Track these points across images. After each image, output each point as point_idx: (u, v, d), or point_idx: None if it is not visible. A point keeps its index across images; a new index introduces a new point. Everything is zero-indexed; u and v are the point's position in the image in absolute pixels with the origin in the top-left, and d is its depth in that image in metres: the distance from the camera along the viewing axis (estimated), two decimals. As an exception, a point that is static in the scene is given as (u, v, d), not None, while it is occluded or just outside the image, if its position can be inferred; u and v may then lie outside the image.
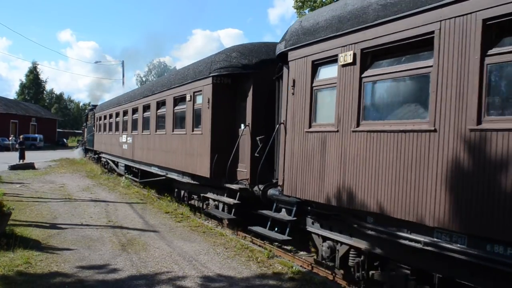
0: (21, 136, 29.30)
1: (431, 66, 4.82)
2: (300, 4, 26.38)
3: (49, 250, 7.09)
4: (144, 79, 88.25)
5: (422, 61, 5.00)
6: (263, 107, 9.17)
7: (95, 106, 32.49)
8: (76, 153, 37.39)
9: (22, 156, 25.78)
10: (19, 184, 15.82)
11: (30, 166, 22.83)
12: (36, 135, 52.74)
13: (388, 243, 5.52)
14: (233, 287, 5.69)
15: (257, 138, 8.92)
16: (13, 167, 22.06)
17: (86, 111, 40.37)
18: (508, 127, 4.00)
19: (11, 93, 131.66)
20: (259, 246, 8.34)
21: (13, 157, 26.57)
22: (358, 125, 5.79)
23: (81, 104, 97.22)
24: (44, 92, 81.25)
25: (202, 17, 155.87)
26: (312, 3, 25.49)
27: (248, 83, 9.60)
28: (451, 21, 4.58)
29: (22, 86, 75.20)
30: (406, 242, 5.13)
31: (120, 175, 19.71)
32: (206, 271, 6.30)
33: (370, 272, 5.98)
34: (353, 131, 5.84)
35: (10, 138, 44.71)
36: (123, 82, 41.03)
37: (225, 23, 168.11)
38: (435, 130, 4.70)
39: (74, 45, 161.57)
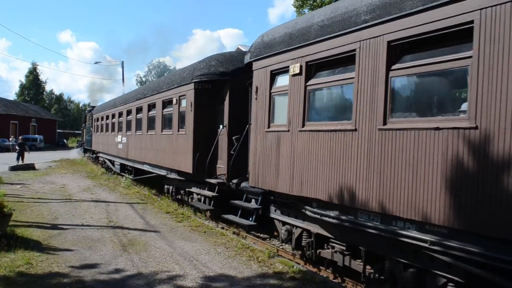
0: (20, 137, 28.95)
1: (353, 78, 5.95)
2: (300, 3, 26.39)
3: (50, 251, 7.09)
4: (144, 79, 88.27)
5: (348, 73, 6.10)
6: (238, 110, 10.02)
7: (93, 107, 33.70)
8: (75, 153, 37.89)
9: (21, 157, 25.36)
10: (20, 185, 15.82)
11: (31, 167, 22.83)
12: (36, 135, 52.78)
13: (329, 224, 6.60)
14: (234, 286, 5.69)
15: (233, 137, 9.91)
16: (14, 168, 22.08)
17: (86, 111, 41.70)
18: (405, 127, 5.07)
19: (11, 94, 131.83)
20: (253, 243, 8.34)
21: (13, 158, 26.56)
22: (303, 125, 6.92)
23: (81, 104, 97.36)
24: (44, 93, 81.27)
25: (203, 16, 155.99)
26: (312, 1, 25.50)
27: (225, 88, 10.67)
28: (366, 41, 5.71)
29: (22, 87, 75.22)
30: (339, 222, 6.22)
31: (119, 174, 20.30)
32: (207, 271, 6.30)
33: (318, 251, 7.08)
34: (299, 131, 7.00)
35: (10, 139, 44.70)
36: (123, 82, 40.99)
37: (225, 23, 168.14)
38: (355, 130, 5.84)
39: (74, 45, 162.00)
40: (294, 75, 7.20)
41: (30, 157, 26.83)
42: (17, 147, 25.53)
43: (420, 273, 5.22)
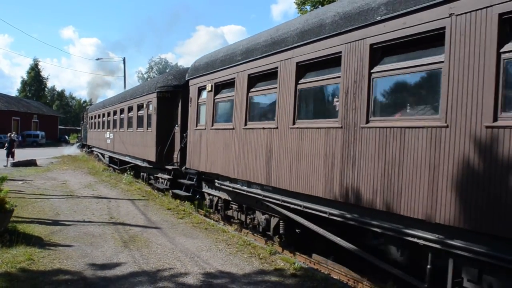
0: (9, 134, 26.64)
1: (233, 95, 9.25)
2: (302, 0, 26.29)
3: (51, 247, 7.11)
4: (145, 75, 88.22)
5: (232, 92, 9.41)
6: (187, 113, 12.34)
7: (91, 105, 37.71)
8: (74, 148, 40.52)
9: (10, 154, 23.24)
10: (22, 181, 15.85)
11: (32, 163, 22.87)
12: (38, 132, 52.83)
13: (228, 192, 9.93)
14: (235, 283, 5.69)
15: (184, 134, 12.70)
16: (15, 164, 22.13)
17: (84, 110, 45.24)
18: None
19: (13, 90, 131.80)
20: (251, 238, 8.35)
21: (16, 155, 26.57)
22: (212, 125, 10.34)
23: (82, 101, 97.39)
24: (46, 89, 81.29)
25: (207, 12, 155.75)
26: (313, -1, 25.37)
27: (178, 97, 13.64)
28: (240, 73, 9.00)
29: (24, 83, 75.22)
30: (232, 189, 9.43)
31: (108, 166, 23.64)
32: (208, 268, 6.30)
33: (226, 211, 10.37)
34: (210, 129, 10.41)
35: (12, 135, 44.66)
36: (124, 79, 40.95)
37: (228, 20, 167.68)
38: (233, 128, 9.13)
39: (77, 42, 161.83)
40: (209, 91, 10.54)
41: (31, 153, 26.82)
42: (6, 144, 23.75)
43: (272, 217, 8.37)
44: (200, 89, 11.21)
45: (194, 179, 11.85)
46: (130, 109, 18.59)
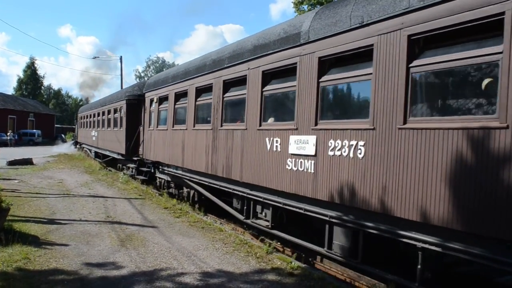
0: None
1: (167, 106, 13.17)
2: (300, 0, 26.29)
3: (47, 246, 7.09)
4: (142, 74, 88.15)
5: (166, 104, 13.27)
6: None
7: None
8: (68, 145, 42.71)
9: None
10: (18, 179, 15.78)
11: (29, 162, 22.77)
12: (34, 130, 52.58)
13: (168, 175, 13.43)
14: (232, 282, 5.69)
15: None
16: (11, 163, 22.01)
17: (78, 110, 47.99)
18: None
19: (10, 89, 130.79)
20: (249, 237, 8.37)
21: (10, 153, 26.52)
22: (157, 127, 14.09)
23: (78, 99, 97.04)
24: (42, 87, 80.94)
25: (206, 11, 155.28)
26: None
27: (141, 103, 16.92)
28: (174, 90, 12.60)
29: (20, 82, 74.85)
30: (169, 173, 13.08)
31: (94, 159, 27.25)
32: (205, 267, 6.30)
33: (170, 189, 13.49)
34: (155, 130, 14.24)
35: (8, 134, 44.55)
36: (121, 77, 41.00)
37: (227, 19, 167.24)
38: (167, 129, 12.88)
39: (74, 40, 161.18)
40: (155, 102, 14.35)
41: (28, 152, 26.67)
42: None
43: (190, 190, 11.86)
44: (151, 100, 15.00)
45: (151, 167, 15.48)
46: (109, 112, 22.42)
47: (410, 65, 4.90)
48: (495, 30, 4.11)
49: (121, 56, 41.14)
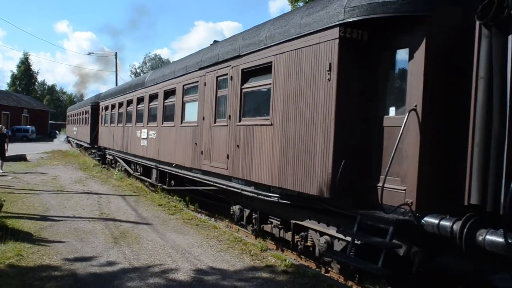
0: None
1: (122, 110, 18.65)
2: (296, -4, 26.27)
3: (41, 243, 7.05)
4: (139, 70, 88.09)
5: (115, 110, 19.83)
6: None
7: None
8: (58, 141, 46.43)
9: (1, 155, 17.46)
10: (11, 176, 15.68)
11: (22, 158, 22.60)
12: (28, 126, 52.19)
13: (114, 156, 20.35)
14: (226, 279, 5.69)
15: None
16: (5, 159, 21.79)
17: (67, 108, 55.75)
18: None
19: (4, 84, 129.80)
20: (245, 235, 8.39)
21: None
22: (104, 124, 22.52)
23: (72, 96, 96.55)
24: (36, 83, 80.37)
25: (205, 8, 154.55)
26: (307, -4, 25.33)
27: (99, 108, 23.87)
28: (121, 100, 18.75)
29: (14, 77, 74.28)
30: (113, 154, 20.52)
31: (76, 149, 33.72)
32: (199, 264, 6.30)
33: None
34: (103, 126, 22.78)
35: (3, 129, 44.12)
36: (116, 73, 41.01)
37: (225, 15, 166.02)
38: (122, 127, 18.07)
39: (71, 36, 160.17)
40: (104, 109, 22.40)
41: (21, 148, 26.48)
42: None
43: (119, 162, 19.62)
44: (104, 107, 22.35)
45: (103, 151, 22.45)
46: (81, 113, 30.69)
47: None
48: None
49: (116, 52, 40.99)
